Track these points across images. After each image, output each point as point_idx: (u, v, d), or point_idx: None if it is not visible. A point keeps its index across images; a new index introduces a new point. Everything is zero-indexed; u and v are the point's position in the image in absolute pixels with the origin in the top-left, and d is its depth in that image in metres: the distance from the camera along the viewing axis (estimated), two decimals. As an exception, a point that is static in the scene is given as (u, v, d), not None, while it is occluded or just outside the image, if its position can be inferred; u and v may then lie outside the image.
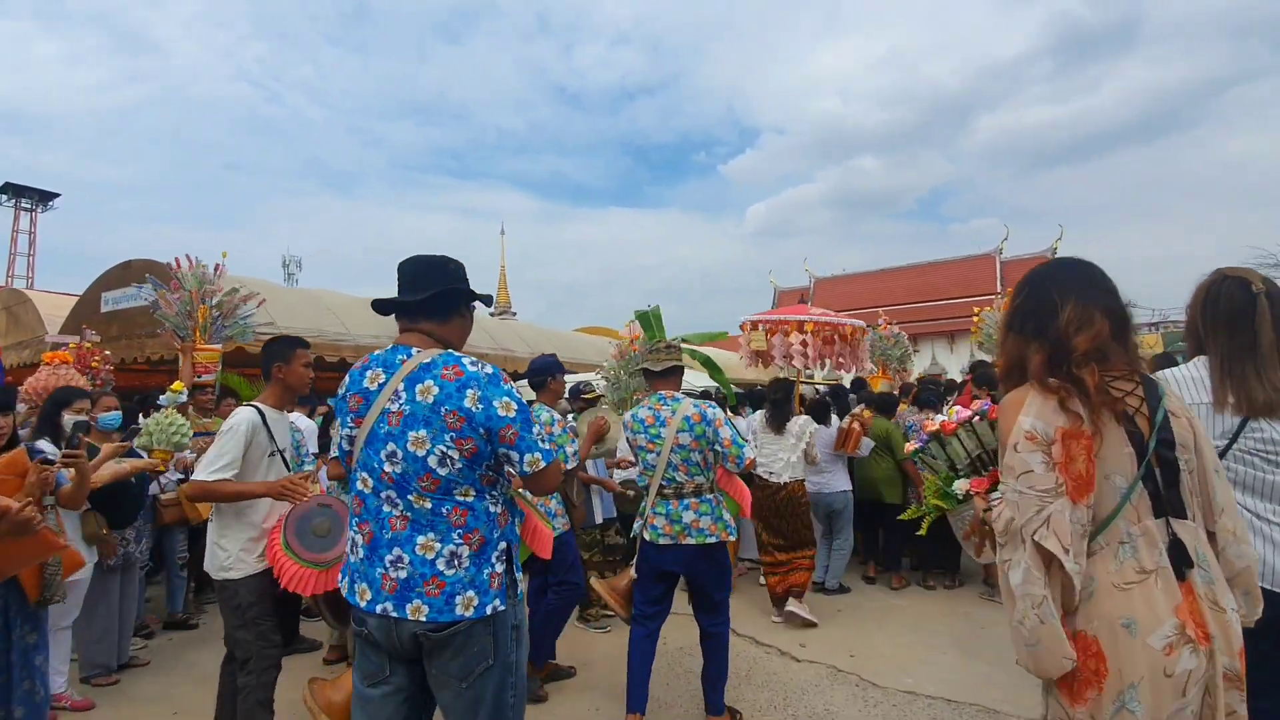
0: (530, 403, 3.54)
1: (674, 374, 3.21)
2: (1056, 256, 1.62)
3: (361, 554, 1.64)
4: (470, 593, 1.58)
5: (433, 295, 1.72)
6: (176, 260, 5.87)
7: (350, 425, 1.73)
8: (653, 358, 3.25)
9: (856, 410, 5.53)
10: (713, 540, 2.96)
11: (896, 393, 6.79)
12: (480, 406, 1.59)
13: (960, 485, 1.70)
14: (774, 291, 35.40)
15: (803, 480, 4.61)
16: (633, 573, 3.17)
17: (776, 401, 4.68)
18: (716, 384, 7.37)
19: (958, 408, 1.87)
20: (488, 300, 1.86)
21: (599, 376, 6.84)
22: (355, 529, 1.68)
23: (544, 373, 3.77)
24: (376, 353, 1.76)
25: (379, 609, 1.59)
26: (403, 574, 1.57)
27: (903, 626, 4.30)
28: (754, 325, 7.08)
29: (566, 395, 4.84)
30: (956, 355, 26.67)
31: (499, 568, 1.63)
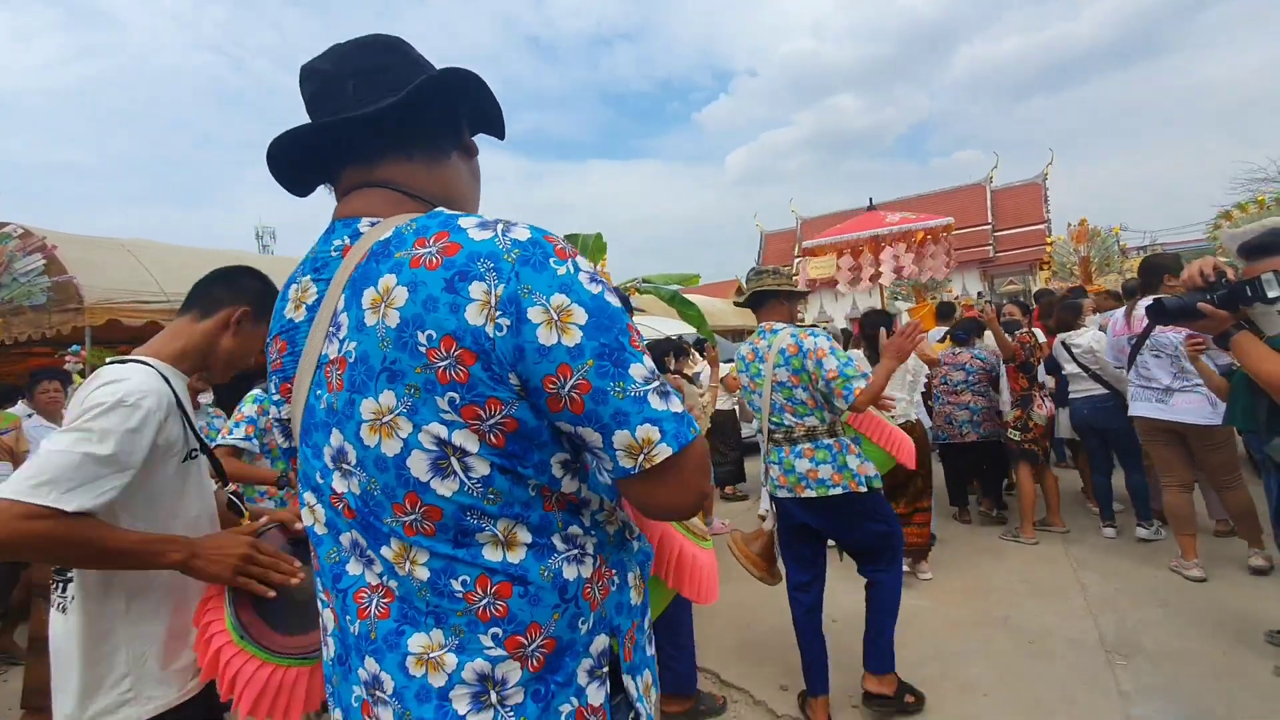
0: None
1: (769, 300, 2.79)
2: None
3: (333, 650, 0.83)
4: None
5: (399, 104, 0.81)
6: None
7: (278, 397, 0.88)
8: (747, 286, 2.88)
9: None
10: (837, 491, 2.54)
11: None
12: (503, 322, 0.68)
13: None
14: (761, 236, 34.35)
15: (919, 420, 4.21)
16: (765, 526, 2.83)
17: (871, 338, 4.06)
18: (697, 332, 6.59)
19: None
20: (497, 128, 0.99)
21: None
22: (320, 597, 0.86)
23: None
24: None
25: None
26: (386, 715, 0.75)
27: (924, 646, 3.19)
28: (834, 251, 6.80)
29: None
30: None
31: (593, 695, 0.78)
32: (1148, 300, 3.29)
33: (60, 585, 1.32)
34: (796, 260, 7.40)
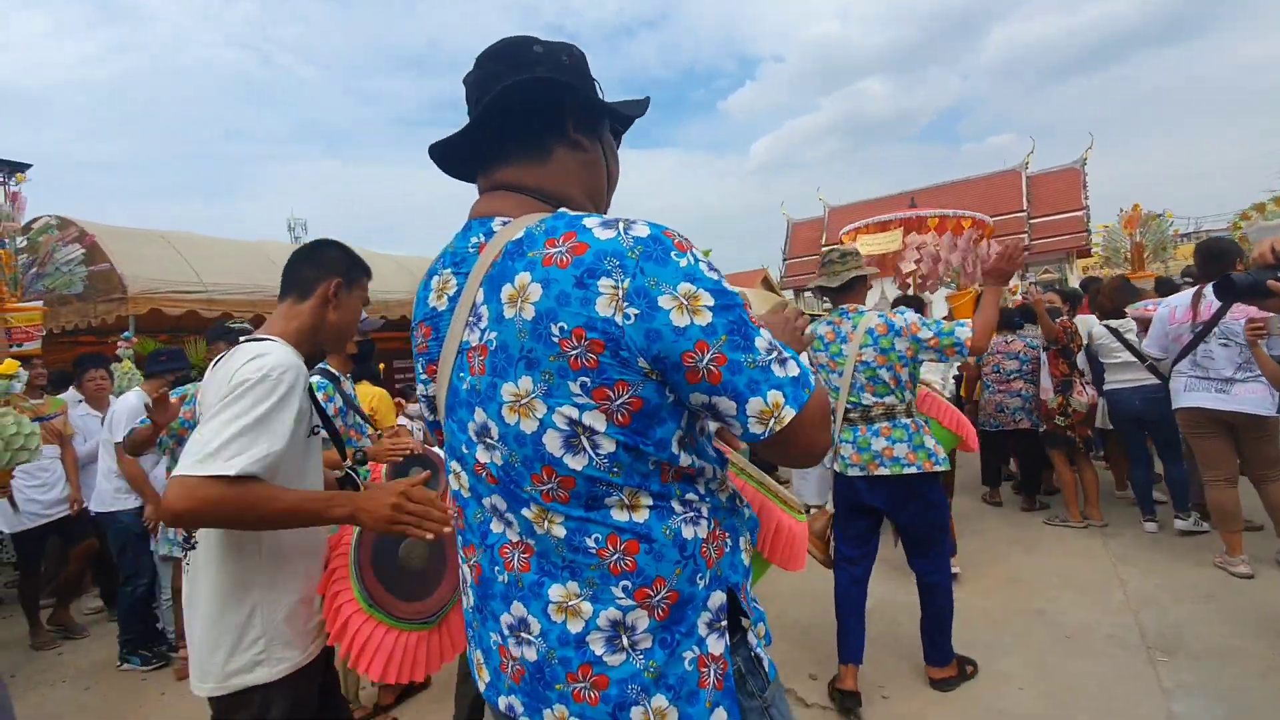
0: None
1: (855, 285, 2.86)
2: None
3: (472, 600, 0.95)
4: (658, 701, 0.82)
5: (503, 100, 0.90)
6: None
7: (424, 377, 0.99)
8: (827, 271, 2.87)
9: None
10: (911, 470, 2.62)
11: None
12: (631, 311, 0.76)
13: None
14: (787, 224, 34.03)
15: None
16: (829, 508, 2.91)
17: None
18: None
19: None
20: (639, 107, 1.04)
21: None
22: (461, 553, 0.99)
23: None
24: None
25: (502, 705, 0.90)
26: (530, 654, 0.86)
27: (957, 637, 2.93)
28: (875, 229, 6.70)
29: None
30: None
31: (713, 645, 0.85)
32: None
33: (185, 551, 1.42)
34: (824, 247, 7.44)
